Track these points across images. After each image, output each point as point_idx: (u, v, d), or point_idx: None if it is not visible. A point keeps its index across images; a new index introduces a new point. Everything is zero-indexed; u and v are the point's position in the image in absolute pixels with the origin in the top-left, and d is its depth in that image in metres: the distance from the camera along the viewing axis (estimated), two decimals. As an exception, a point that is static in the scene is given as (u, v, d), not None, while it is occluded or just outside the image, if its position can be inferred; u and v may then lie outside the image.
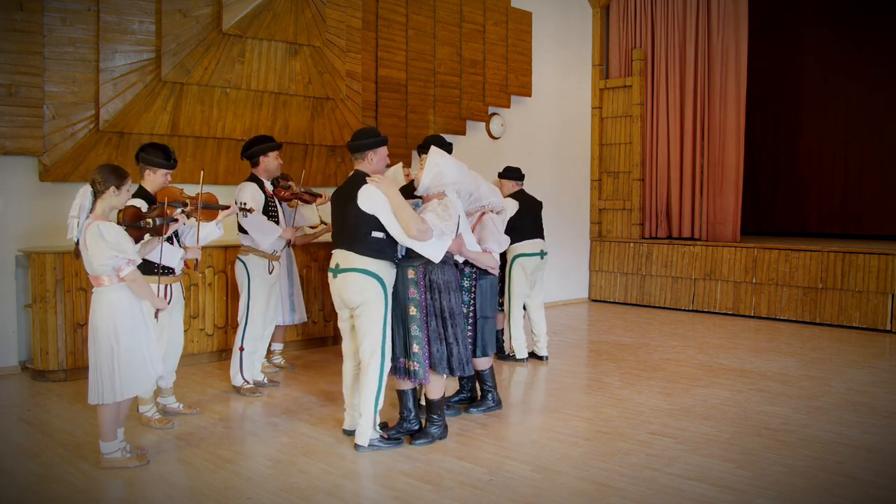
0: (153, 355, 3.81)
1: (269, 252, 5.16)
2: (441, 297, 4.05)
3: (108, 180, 3.64)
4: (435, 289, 4.05)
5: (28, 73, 5.56)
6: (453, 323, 4.09)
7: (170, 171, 4.36)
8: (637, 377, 5.76)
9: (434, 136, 4.92)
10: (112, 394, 3.65)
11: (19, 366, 5.77)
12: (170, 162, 4.32)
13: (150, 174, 4.31)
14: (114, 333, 3.64)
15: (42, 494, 3.47)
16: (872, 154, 10.57)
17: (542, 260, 6.18)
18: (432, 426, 4.21)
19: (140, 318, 3.75)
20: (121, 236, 3.62)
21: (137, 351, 3.70)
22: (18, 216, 5.76)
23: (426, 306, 4.05)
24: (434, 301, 4.06)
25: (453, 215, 3.97)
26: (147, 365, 3.76)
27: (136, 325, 3.71)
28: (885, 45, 10.23)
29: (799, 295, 8.33)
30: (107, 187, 3.64)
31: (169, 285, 4.35)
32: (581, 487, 3.53)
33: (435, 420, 4.22)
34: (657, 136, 9.86)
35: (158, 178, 4.32)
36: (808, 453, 4.01)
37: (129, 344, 3.67)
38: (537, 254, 6.11)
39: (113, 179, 3.65)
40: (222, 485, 3.57)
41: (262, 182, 5.23)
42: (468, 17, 8.49)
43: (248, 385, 5.18)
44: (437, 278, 4.05)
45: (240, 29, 6.19)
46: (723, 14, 9.19)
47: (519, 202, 6.07)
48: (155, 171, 4.30)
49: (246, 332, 5.15)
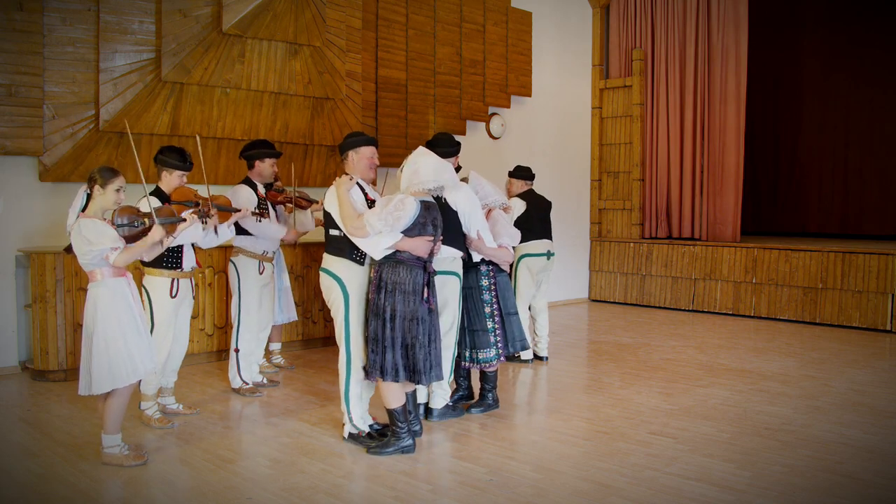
0: (142, 350, 3.79)
1: (259, 253, 5.18)
2: (386, 297, 3.91)
3: (92, 178, 3.72)
4: (383, 288, 3.93)
5: (28, 73, 5.56)
6: (393, 326, 3.89)
7: (185, 173, 4.48)
8: (637, 377, 5.76)
9: (442, 134, 4.88)
10: (89, 386, 3.69)
11: (19, 366, 5.77)
12: (185, 164, 4.45)
13: (166, 175, 4.44)
14: (95, 327, 3.69)
15: (42, 494, 3.47)
16: (872, 154, 10.58)
17: (549, 260, 6.18)
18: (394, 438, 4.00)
19: (127, 315, 3.75)
20: (98, 231, 3.64)
21: (117, 346, 3.70)
22: (18, 216, 5.77)
23: (373, 306, 3.98)
24: (379, 300, 3.93)
25: (403, 215, 3.84)
26: (133, 362, 3.74)
27: (120, 321, 3.72)
28: (886, 46, 10.24)
29: (799, 295, 8.33)
30: (91, 186, 3.72)
31: (176, 280, 4.38)
32: (581, 487, 3.53)
33: (396, 432, 3.98)
34: (657, 136, 9.86)
35: (174, 179, 4.44)
36: (808, 453, 4.01)
37: (108, 338, 3.69)
38: (543, 254, 6.11)
39: (98, 178, 3.71)
40: (222, 485, 3.57)
41: (256, 185, 5.25)
42: (468, 17, 8.49)
43: (246, 386, 5.19)
44: (387, 277, 3.93)
45: (240, 29, 6.19)
46: (723, 14, 9.19)
47: (527, 202, 6.07)
48: (171, 173, 4.43)
49: (240, 333, 5.17)
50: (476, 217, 4.54)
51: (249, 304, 5.16)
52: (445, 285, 4.44)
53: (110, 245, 3.65)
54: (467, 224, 4.51)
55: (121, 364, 3.72)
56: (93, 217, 3.69)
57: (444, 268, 4.43)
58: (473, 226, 4.53)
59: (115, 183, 3.74)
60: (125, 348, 3.72)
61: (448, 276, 4.46)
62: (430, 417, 4.60)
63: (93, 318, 3.71)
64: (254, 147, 5.32)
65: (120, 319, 3.72)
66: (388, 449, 3.97)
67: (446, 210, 4.38)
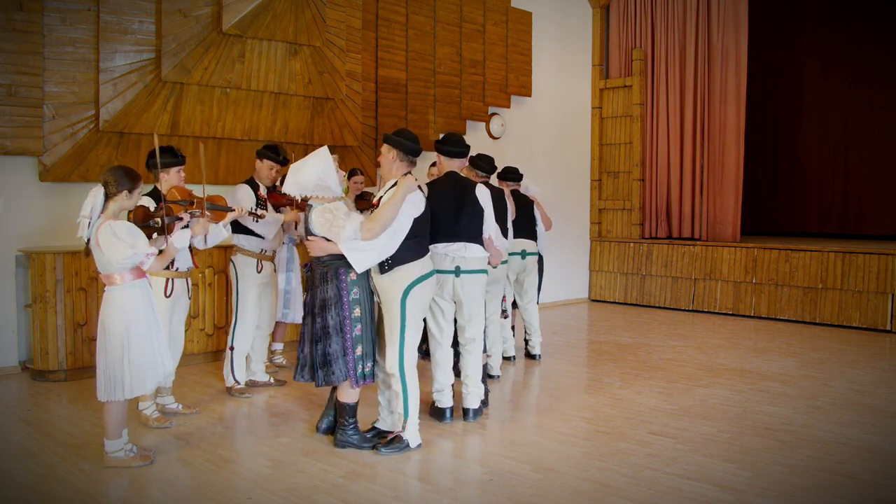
0: (164, 353, 3.84)
1: (257, 252, 5.18)
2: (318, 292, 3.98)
3: (121, 184, 3.66)
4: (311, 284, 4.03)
5: (28, 73, 5.56)
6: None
7: (182, 167, 4.44)
8: (637, 377, 5.76)
9: (454, 134, 4.81)
10: (122, 391, 3.68)
11: (19, 366, 5.77)
12: (178, 158, 4.42)
13: (164, 176, 4.39)
14: (126, 332, 3.67)
15: (42, 494, 3.47)
16: (872, 154, 10.57)
17: (524, 259, 6.17)
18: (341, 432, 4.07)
19: (152, 316, 3.78)
20: (133, 233, 3.66)
21: (148, 349, 3.73)
22: (18, 216, 5.76)
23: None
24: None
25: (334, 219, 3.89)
26: (157, 363, 3.78)
27: (148, 324, 3.73)
28: (886, 46, 10.24)
29: (799, 295, 8.33)
30: (119, 190, 3.67)
31: (171, 280, 4.37)
32: (581, 487, 3.53)
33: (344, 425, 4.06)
34: (657, 136, 9.86)
35: (173, 177, 4.40)
36: (808, 453, 4.01)
37: (141, 342, 3.70)
38: (517, 253, 6.10)
39: (126, 183, 3.68)
40: (222, 485, 3.57)
41: (258, 185, 5.25)
42: (468, 17, 8.49)
43: (238, 386, 5.17)
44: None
45: (240, 29, 6.19)
46: (723, 14, 9.19)
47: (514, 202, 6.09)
48: (168, 172, 4.39)
49: (236, 331, 5.16)
50: (492, 219, 4.68)
51: (246, 303, 5.16)
52: (476, 284, 4.56)
53: (147, 251, 3.65)
54: (487, 225, 4.64)
55: (150, 369, 3.74)
56: (112, 218, 3.66)
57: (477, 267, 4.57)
58: (489, 227, 4.65)
59: (141, 186, 3.77)
60: (154, 350, 3.75)
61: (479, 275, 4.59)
62: (466, 418, 4.63)
63: (122, 323, 3.66)
64: (265, 148, 5.33)
65: (148, 321, 3.74)
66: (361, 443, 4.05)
67: (475, 210, 4.54)
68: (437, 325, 4.51)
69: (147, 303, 3.76)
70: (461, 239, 4.49)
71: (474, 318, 4.62)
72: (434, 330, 4.52)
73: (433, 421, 4.58)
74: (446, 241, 4.47)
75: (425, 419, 4.48)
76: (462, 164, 4.74)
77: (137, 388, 3.72)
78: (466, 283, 4.50)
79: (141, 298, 3.72)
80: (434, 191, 4.47)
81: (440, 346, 4.54)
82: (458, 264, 4.47)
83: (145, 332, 3.72)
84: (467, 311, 4.58)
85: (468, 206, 4.52)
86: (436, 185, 4.58)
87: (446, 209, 4.46)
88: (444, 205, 4.45)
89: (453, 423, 4.54)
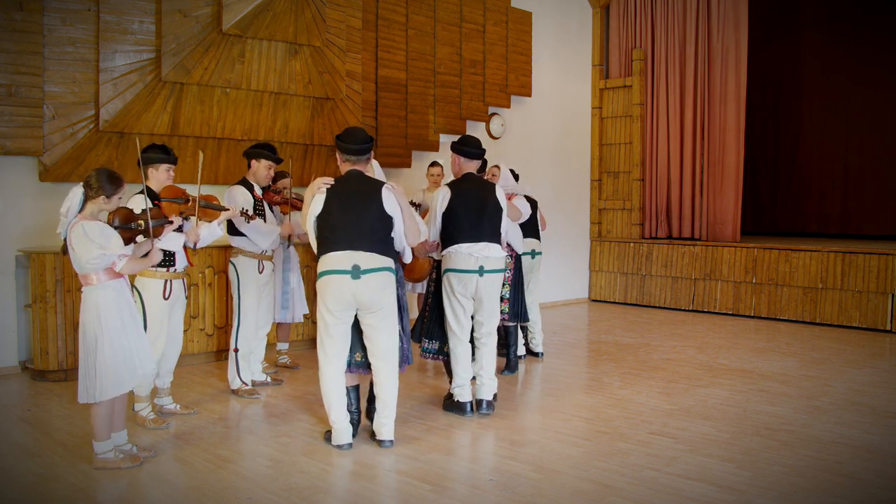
0: (144, 354, 3.77)
1: (258, 252, 5.17)
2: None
3: (102, 188, 3.61)
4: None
5: (28, 73, 5.56)
6: None
7: (172, 166, 4.41)
8: (637, 377, 5.76)
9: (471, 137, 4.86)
10: (95, 393, 3.61)
11: (19, 366, 5.77)
12: (169, 156, 4.39)
13: (153, 172, 4.36)
14: (100, 332, 3.61)
15: (42, 494, 3.47)
16: (872, 154, 10.57)
17: (534, 259, 6.20)
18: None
19: (129, 316, 3.72)
20: (105, 234, 3.59)
21: (123, 350, 3.66)
22: (18, 216, 5.77)
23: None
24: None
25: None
26: (135, 364, 3.71)
27: (124, 324, 3.67)
28: (886, 46, 10.23)
29: (799, 295, 8.33)
30: (98, 194, 3.62)
31: (169, 281, 4.36)
32: (581, 487, 3.53)
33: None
34: (657, 136, 9.86)
35: (161, 174, 4.37)
36: (808, 453, 4.01)
37: (115, 343, 3.63)
38: (528, 253, 6.12)
39: (108, 188, 3.62)
40: (222, 485, 3.57)
41: (252, 186, 5.23)
42: (468, 17, 8.49)
43: (245, 387, 5.17)
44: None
45: (240, 29, 6.19)
46: (723, 14, 9.19)
47: None
48: (157, 168, 4.36)
49: (239, 333, 5.15)
50: (507, 218, 4.90)
51: (248, 305, 5.15)
52: (496, 283, 4.72)
53: (119, 252, 3.61)
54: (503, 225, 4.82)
55: (125, 368, 3.68)
56: (89, 219, 3.61)
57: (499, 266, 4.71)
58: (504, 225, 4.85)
59: (122, 191, 3.73)
60: (129, 351, 3.69)
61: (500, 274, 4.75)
62: (480, 409, 4.73)
63: (96, 322, 3.61)
64: (257, 147, 5.31)
65: (124, 322, 3.67)
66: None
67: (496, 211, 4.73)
68: (458, 323, 4.68)
69: (122, 303, 3.69)
70: (483, 239, 4.64)
71: (493, 315, 4.78)
72: (455, 327, 4.68)
73: (454, 415, 4.67)
74: (470, 241, 4.60)
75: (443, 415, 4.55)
76: (477, 165, 4.87)
77: (111, 390, 3.63)
78: (489, 281, 4.66)
79: (116, 299, 3.65)
80: (458, 191, 4.66)
81: (461, 342, 4.70)
82: (482, 264, 4.60)
83: (120, 333, 3.65)
84: (487, 308, 4.73)
85: (490, 208, 4.71)
86: (459, 185, 4.72)
87: (470, 210, 4.63)
88: (469, 205, 4.63)
89: (452, 423, 4.54)
